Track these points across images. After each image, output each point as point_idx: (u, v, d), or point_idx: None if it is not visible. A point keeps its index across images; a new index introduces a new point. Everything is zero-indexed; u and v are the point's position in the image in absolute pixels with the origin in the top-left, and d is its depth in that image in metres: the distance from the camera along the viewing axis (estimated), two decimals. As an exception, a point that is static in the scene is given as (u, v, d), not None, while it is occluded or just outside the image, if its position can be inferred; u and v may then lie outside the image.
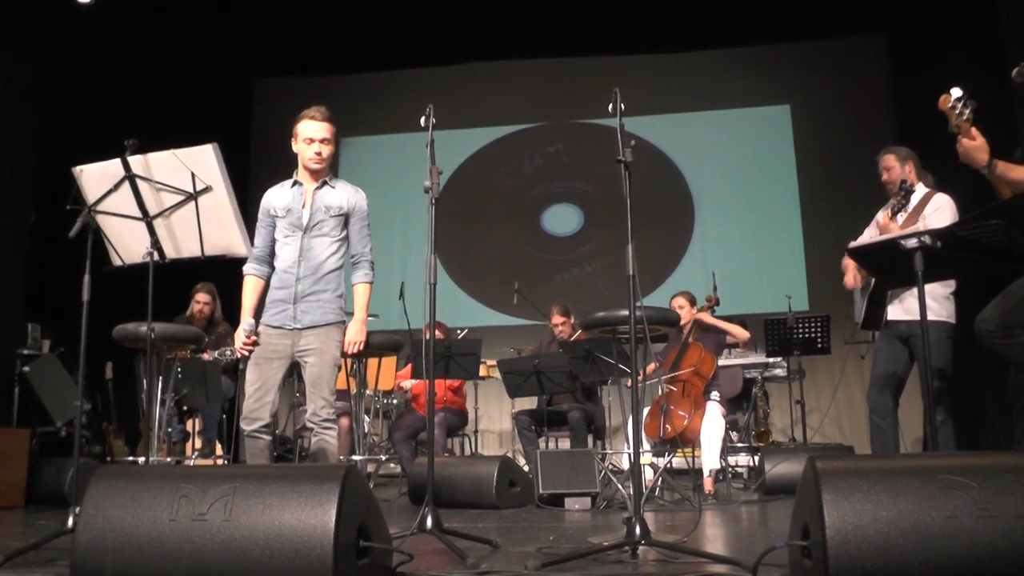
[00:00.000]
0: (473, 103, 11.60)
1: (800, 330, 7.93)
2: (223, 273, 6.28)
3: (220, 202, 3.99)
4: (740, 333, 6.80)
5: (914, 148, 5.36)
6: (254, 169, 11.44)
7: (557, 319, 7.75)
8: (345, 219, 4.43)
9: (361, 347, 4.46)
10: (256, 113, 12.17)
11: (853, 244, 4.68)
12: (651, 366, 6.98)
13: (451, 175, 11.46)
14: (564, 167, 11.65)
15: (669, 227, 11.06)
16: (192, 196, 3.98)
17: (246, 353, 4.29)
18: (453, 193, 11.04)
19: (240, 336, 4.29)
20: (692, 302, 6.92)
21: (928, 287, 4.76)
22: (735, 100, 11.31)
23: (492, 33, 11.06)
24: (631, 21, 10.84)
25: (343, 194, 4.45)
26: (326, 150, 4.39)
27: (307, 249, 4.34)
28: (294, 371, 4.44)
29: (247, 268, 4.47)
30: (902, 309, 5.10)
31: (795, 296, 8.78)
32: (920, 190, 5.16)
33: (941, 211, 4.99)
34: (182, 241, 4.15)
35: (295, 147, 4.45)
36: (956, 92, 3.85)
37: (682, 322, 6.69)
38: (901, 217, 5.06)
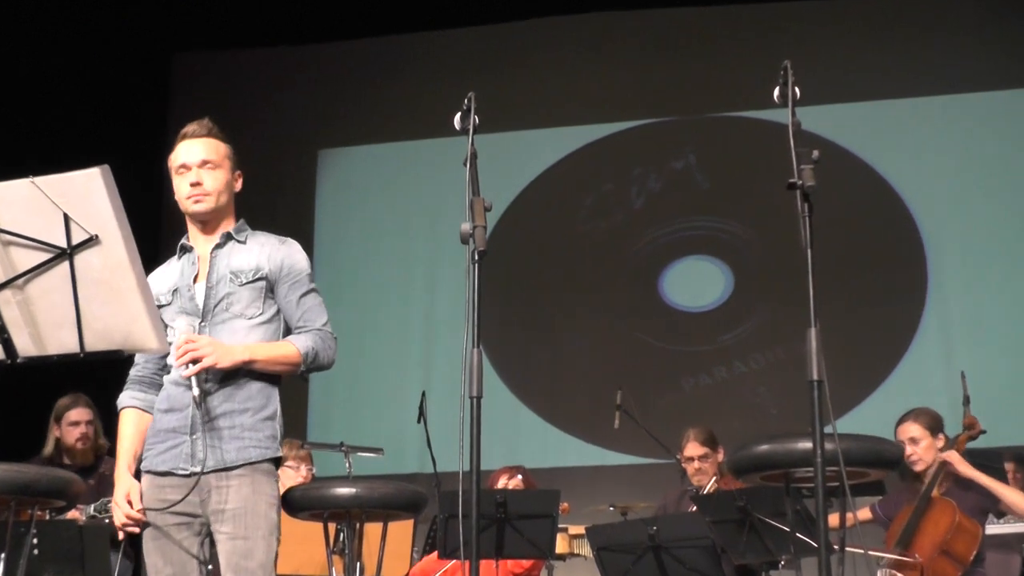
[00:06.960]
0: (537, 88, 11.71)
1: (1121, 475, 7.81)
2: (110, 385, 6.31)
3: (114, 262, 4.01)
4: (1020, 504, 6.72)
5: None
6: (170, 201, 11.59)
7: (694, 449, 7.75)
8: (268, 287, 4.45)
9: (196, 357, 4.18)
10: (174, 110, 12.30)
11: None
12: (863, 512, 6.91)
13: (504, 211, 11.48)
14: (698, 194, 11.68)
15: (884, 294, 11.00)
16: (65, 253, 4.02)
17: (124, 532, 4.31)
18: (509, 241, 11.11)
19: (120, 507, 4.31)
20: (934, 430, 6.84)
21: None
22: (989, 77, 11.23)
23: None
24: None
25: (259, 249, 4.51)
26: (211, 180, 4.46)
27: None
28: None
29: (124, 397, 4.56)
30: None
31: (1110, 416, 8.68)
32: None
33: None
34: (47, 328, 4.18)
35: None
36: None
37: (917, 464, 6.66)
38: None
